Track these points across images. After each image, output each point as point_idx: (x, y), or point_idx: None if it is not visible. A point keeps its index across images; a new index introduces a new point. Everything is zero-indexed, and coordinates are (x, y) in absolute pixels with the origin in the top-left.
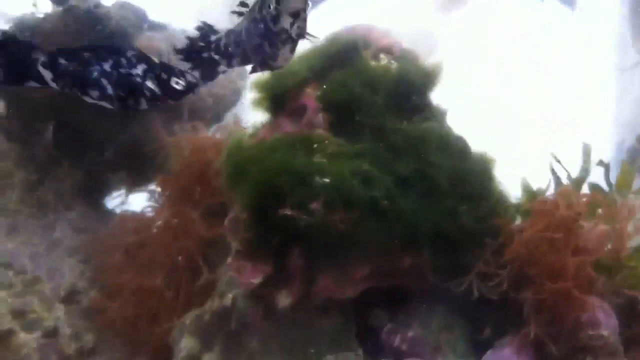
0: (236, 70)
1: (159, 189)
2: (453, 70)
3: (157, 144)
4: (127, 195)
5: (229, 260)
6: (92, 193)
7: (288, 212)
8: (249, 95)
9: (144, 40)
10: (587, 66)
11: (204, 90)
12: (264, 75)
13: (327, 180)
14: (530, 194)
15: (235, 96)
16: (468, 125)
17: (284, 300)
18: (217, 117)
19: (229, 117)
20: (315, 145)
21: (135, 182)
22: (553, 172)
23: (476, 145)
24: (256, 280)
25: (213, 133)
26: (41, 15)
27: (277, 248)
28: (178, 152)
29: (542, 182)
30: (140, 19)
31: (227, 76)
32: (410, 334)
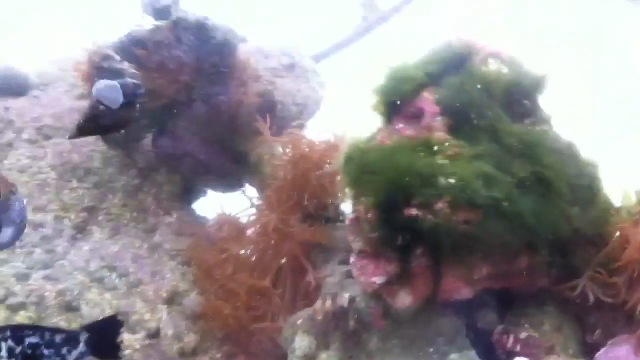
0: (318, 80)
1: (260, 193)
2: None
3: (256, 150)
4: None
5: (352, 260)
6: (188, 197)
7: (414, 212)
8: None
9: (243, 52)
10: None
11: (289, 99)
12: (381, 80)
13: (452, 181)
14: None
15: (316, 105)
16: None
17: (404, 299)
18: (301, 125)
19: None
20: (436, 148)
21: (229, 187)
22: None
23: None
24: (380, 280)
25: (314, 138)
26: (150, 28)
27: (402, 248)
28: (280, 157)
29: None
30: None
31: (310, 86)
32: (523, 335)
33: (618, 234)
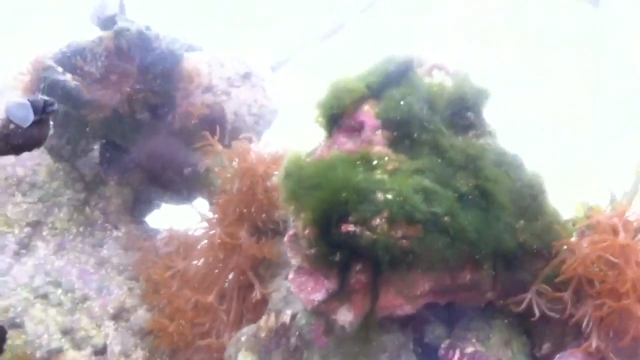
0: (274, 89)
1: (208, 207)
2: None
3: (203, 161)
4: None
5: (290, 276)
6: (136, 211)
7: (351, 228)
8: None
9: (190, 63)
10: None
11: (244, 109)
12: (323, 94)
13: (389, 196)
14: (587, 211)
15: (273, 115)
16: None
17: (345, 316)
18: (257, 136)
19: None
20: (375, 162)
21: (178, 199)
22: (609, 188)
23: None
24: (318, 297)
25: (261, 150)
26: (92, 38)
27: (340, 264)
28: (227, 170)
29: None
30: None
31: (266, 95)
32: (469, 349)
33: (565, 247)
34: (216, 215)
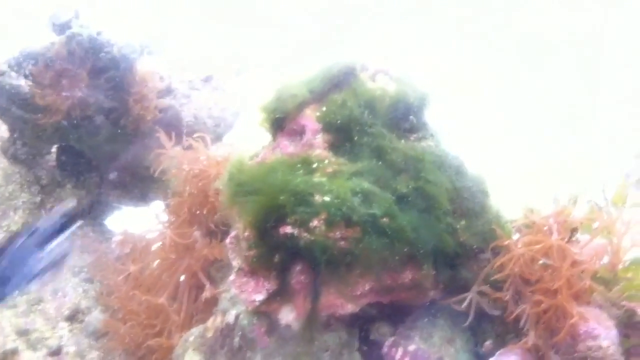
0: (235, 92)
1: (162, 209)
2: None
3: (157, 164)
4: (127, 215)
5: (232, 278)
6: (93, 213)
7: (289, 230)
8: (249, 116)
9: (144, 66)
10: None
11: (204, 112)
12: (267, 98)
13: (327, 198)
14: (528, 211)
15: (234, 118)
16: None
17: (287, 316)
18: (218, 139)
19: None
20: (315, 165)
21: (135, 202)
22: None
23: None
24: (259, 297)
25: (214, 153)
26: (45, 44)
27: (279, 265)
28: (180, 172)
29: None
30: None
31: (227, 98)
32: (412, 347)
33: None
34: (169, 217)
